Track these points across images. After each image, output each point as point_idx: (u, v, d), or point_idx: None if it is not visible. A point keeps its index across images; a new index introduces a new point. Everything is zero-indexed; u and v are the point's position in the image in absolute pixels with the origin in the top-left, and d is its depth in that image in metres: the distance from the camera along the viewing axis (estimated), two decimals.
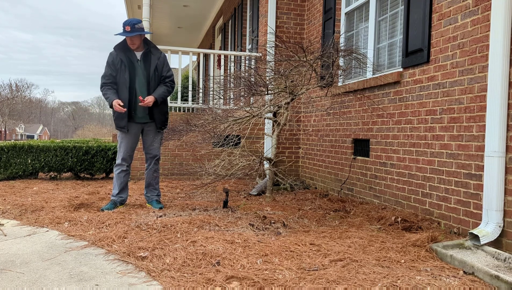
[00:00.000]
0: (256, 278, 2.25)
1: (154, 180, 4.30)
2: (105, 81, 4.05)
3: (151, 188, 4.30)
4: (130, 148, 4.17)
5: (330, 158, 5.40)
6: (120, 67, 4.03)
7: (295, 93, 4.57)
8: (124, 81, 4.03)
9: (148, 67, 4.11)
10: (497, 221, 2.84)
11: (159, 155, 4.29)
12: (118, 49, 4.07)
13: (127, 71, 4.03)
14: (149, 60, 4.12)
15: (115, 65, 4.05)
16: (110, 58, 4.07)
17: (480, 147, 3.05)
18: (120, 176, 4.14)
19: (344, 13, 5.35)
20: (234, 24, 9.51)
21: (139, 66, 4.09)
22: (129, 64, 4.05)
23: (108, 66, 4.07)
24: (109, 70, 4.06)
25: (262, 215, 3.70)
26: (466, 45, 3.23)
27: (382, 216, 3.67)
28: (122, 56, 4.04)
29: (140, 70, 4.09)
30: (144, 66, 4.09)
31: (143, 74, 4.09)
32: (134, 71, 4.07)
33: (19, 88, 60.89)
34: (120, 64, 4.03)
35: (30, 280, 2.32)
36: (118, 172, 4.16)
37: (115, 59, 4.05)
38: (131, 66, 4.07)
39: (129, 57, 4.07)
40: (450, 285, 2.23)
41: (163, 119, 4.21)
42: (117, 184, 4.14)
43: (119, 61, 4.04)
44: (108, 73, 4.06)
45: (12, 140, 16.66)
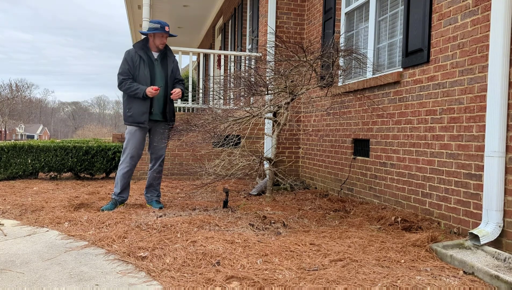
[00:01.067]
0: (256, 278, 2.25)
1: (156, 181, 4.27)
2: (124, 77, 4.02)
3: (152, 189, 4.27)
4: (140, 146, 4.12)
5: (330, 158, 5.40)
6: (139, 64, 4.04)
7: (295, 93, 4.57)
8: (144, 77, 4.04)
9: (166, 68, 4.17)
10: (497, 221, 2.84)
11: (164, 155, 4.27)
12: (138, 47, 4.10)
13: (147, 68, 4.05)
14: (166, 61, 4.19)
15: (134, 62, 4.04)
16: (128, 55, 4.06)
17: (480, 147, 3.05)
18: (125, 176, 4.07)
19: (344, 13, 5.35)
20: (234, 24, 9.51)
21: (157, 65, 4.13)
22: (148, 61, 4.08)
23: (126, 63, 4.05)
24: (127, 66, 4.04)
25: (262, 215, 3.70)
26: (466, 45, 3.23)
27: (382, 216, 3.67)
28: (142, 54, 4.05)
29: (158, 69, 4.13)
30: (161, 67, 4.14)
31: (161, 74, 4.13)
32: (153, 69, 4.10)
33: (19, 88, 60.93)
34: (139, 61, 4.04)
35: (30, 280, 2.32)
36: (124, 171, 4.08)
37: (134, 56, 4.05)
38: (150, 64, 4.09)
39: (148, 55, 4.09)
40: (450, 285, 2.23)
41: (173, 117, 4.26)
42: (120, 184, 4.07)
43: (138, 58, 4.04)
44: (126, 69, 4.03)
45: (12, 140, 16.66)
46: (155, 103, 4.11)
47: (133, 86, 3.98)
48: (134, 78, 4.05)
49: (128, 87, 3.99)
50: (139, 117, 4.03)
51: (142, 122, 4.03)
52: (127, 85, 3.99)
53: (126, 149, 4.09)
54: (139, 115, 4.02)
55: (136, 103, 4.03)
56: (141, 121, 4.03)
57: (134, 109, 4.02)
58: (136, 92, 3.96)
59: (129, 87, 3.99)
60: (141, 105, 4.02)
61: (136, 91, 3.96)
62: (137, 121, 4.04)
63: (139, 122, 4.03)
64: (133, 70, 4.04)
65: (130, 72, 4.03)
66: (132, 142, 4.07)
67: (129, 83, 3.99)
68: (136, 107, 4.01)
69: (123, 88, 4.03)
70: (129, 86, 3.99)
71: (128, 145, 4.08)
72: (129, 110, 4.05)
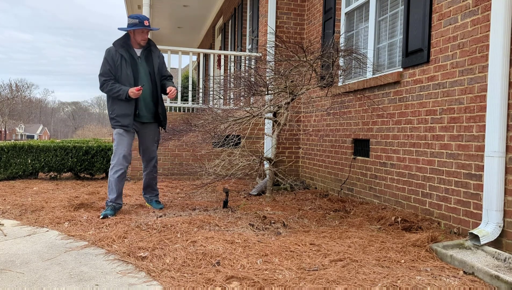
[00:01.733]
0: (256, 278, 2.25)
1: (154, 181, 4.17)
2: (106, 78, 3.80)
3: (150, 189, 4.19)
4: (131, 146, 3.92)
5: (330, 158, 5.40)
6: (121, 63, 3.81)
7: (295, 93, 4.57)
8: (127, 77, 3.81)
9: (151, 65, 3.95)
10: (497, 221, 2.84)
11: (156, 157, 4.15)
12: (118, 45, 3.85)
13: (129, 67, 3.83)
14: (150, 58, 3.96)
15: (115, 61, 3.81)
16: (109, 55, 3.81)
17: (480, 147, 3.05)
18: (119, 179, 3.83)
19: (344, 13, 5.35)
20: (234, 24, 9.51)
21: (140, 63, 3.91)
22: (130, 60, 3.86)
23: (107, 63, 3.81)
24: (108, 67, 3.81)
25: (262, 215, 3.70)
26: (466, 45, 3.23)
27: (382, 216, 3.67)
28: (123, 52, 3.82)
29: (142, 67, 3.91)
30: (146, 64, 3.93)
31: (145, 71, 3.92)
32: (136, 68, 3.87)
33: (19, 88, 60.92)
34: (120, 60, 3.81)
35: (30, 280, 2.32)
36: (118, 175, 3.82)
37: (114, 55, 3.81)
38: (133, 63, 3.87)
39: (130, 53, 3.87)
40: (450, 285, 2.23)
41: (166, 117, 4.09)
42: (115, 189, 3.82)
43: (119, 57, 3.81)
44: (107, 70, 3.81)
45: (12, 140, 16.67)
46: (141, 104, 3.90)
47: (115, 88, 3.76)
48: (117, 79, 3.83)
49: (110, 88, 3.77)
50: (123, 119, 3.82)
51: (126, 125, 3.83)
52: (109, 87, 3.78)
53: (117, 151, 3.85)
54: (123, 118, 3.82)
55: (119, 105, 3.82)
56: (126, 124, 3.82)
57: (118, 111, 3.82)
58: (118, 93, 3.75)
59: (111, 88, 3.77)
60: (124, 107, 3.81)
61: (119, 93, 3.74)
62: (121, 124, 3.83)
63: (124, 125, 3.82)
64: (114, 70, 3.82)
65: (111, 72, 3.81)
66: (122, 145, 3.85)
67: (111, 84, 3.78)
68: (119, 109, 3.81)
69: (105, 90, 3.81)
70: (111, 87, 3.77)
71: (119, 147, 3.85)
72: (113, 112, 3.85)
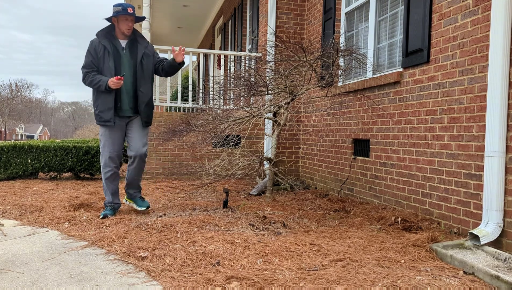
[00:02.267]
0: (256, 278, 2.25)
1: (138, 177, 3.87)
2: (88, 70, 3.64)
3: (135, 185, 3.90)
4: (118, 146, 3.74)
5: (330, 158, 5.40)
6: (103, 54, 3.64)
7: (295, 93, 4.57)
8: (109, 69, 3.63)
9: (135, 56, 3.74)
10: (497, 221, 2.84)
11: (143, 153, 3.78)
12: (101, 36, 3.68)
13: (112, 58, 3.64)
14: (135, 49, 3.75)
15: (97, 53, 3.64)
16: (92, 46, 3.66)
17: (480, 147, 3.05)
18: (110, 180, 3.75)
19: (344, 13, 5.35)
20: (234, 24, 9.51)
21: (125, 54, 3.71)
22: (113, 51, 3.67)
23: (90, 54, 3.66)
24: (90, 58, 3.65)
25: (262, 215, 3.70)
26: (466, 45, 3.23)
27: (382, 216, 3.66)
28: (106, 43, 3.65)
29: (126, 58, 3.71)
30: (130, 55, 3.73)
31: (129, 63, 3.72)
32: (119, 59, 3.69)
33: (19, 88, 60.94)
34: (103, 51, 3.64)
35: (30, 280, 2.32)
36: (108, 176, 3.74)
37: (97, 46, 3.65)
38: (116, 54, 3.68)
39: (113, 44, 3.68)
40: (450, 285, 2.23)
41: (149, 113, 3.80)
42: (109, 191, 3.77)
43: (101, 48, 3.64)
44: (89, 62, 3.65)
45: (12, 140, 16.67)
46: (123, 96, 3.69)
47: (95, 79, 3.58)
48: (100, 71, 3.66)
49: (91, 80, 3.60)
50: (104, 114, 3.63)
51: (108, 119, 3.63)
52: (90, 78, 3.60)
53: (103, 152, 3.73)
54: (103, 113, 3.63)
55: (102, 98, 3.63)
56: (107, 119, 3.63)
57: (101, 105, 3.64)
58: (98, 84, 3.56)
59: (92, 80, 3.60)
60: (106, 100, 3.62)
61: (99, 84, 3.56)
62: (103, 120, 3.64)
63: (105, 120, 3.63)
64: (97, 62, 3.65)
65: (93, 64, 3.64)
66: (108, 142, 3.71)
67: (92, 75, 3.60)
68: (101, 104, 3.63)
69: (86, 82, 3.64)
70: (91, 78, 3.60)
71: (104, 147, 3.72)
72: (97, 107, 3.66)
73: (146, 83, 3.78)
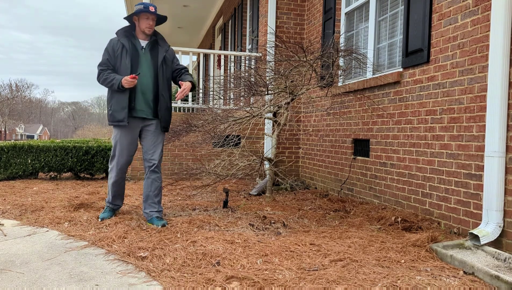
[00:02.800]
0: (256, 278, 2.25)
1: (154, 192, 3.61)
2: (103, 68, 3.54)
3: (150, 202, 3.60)
4: (130, 151, 3.60)
5: (330, 158, 5.40)
6: (121, 52, 3.53)
7: (295, 93, 4.57)
8: (125, 67, 3.51)
9: (156, 58, 3.62)
10: (497, 221, 2.84)
11: (157, 162, 3.62)
12: (121, 34, 3.60)
13: (129, 56, 3.53)
14: (156, 50, 3.65)
15: (115, 51, 3.55)
16: (110, 44, 3.57)
17: (480, 147, 3.05)
18: (114, 186, 3.66)
19: (344, 13, 5.35)
20: (234, 24, 9.51)
21: (144, 54, 3.60)
22: (132, 50, 3.56)
23: (107, 53, 3.57)
24: (106, 56, 3.56)
25: (262, 215, 3.70)
26: (466, 45, 3.23)
27: (382, 216, 3.67)
28: (125, 41, 3.54)
29: (145, 59, 3.59)
30: (150, 56, 3.61)
31: (148, 64, 3.59)
32: (137, 58, 3.57)
33: (19, 88, 60.98)
34: (121, 49, 3.54)
35: (30, 280, 2.32)
36: (113, 181, 3.63)
37: (115, 44, 3.56)
38: (134, 53, 3.57)
39: (132, 43, 3.58)
40: (450, 285, 2.23)
41: (168, 118, 3.66)
42: (111, 192, 3.70)
43: (120, 47, 3.54)
44: (105, 60, 3.56)
45: (12, 140, 16.67)
46: (138, 96, 3.54)
47: (109, 77, 3.46)
48: (116, 70, 3.55)
49: (105, 78, 3.48)
50: (117, 114, 3.48)
51: (122, 119, 3.47)
52: (104, 76, 3.49)
53: (114, 156, 3.60)
54: (118, 111, 3.48)
55: (115, 97, 3.51)
56: (120, 119, 3.47)
57: (114, 105, 3.50)
58: (112, 83, 3.44)
59: (105, 78, 3.48)
60: (120, 100, 3.48)
61: (112, 82, 3.43)
62: (117, 119, 3.49)
63: (119, 119, 3.48)
64: (113, 60, 3.54)
65: (109, 62, 3.54)
66: (118, 148, 3.56)
67: (106, 74, 3.49)
68: (115, 103, 3.50)
69: (100, 80, 3.53)
70: (105, 77, 3.48)
71: (115, 151, 3.58)
72: (111, 107, 3.53)
73: (166, 87, 3.67)
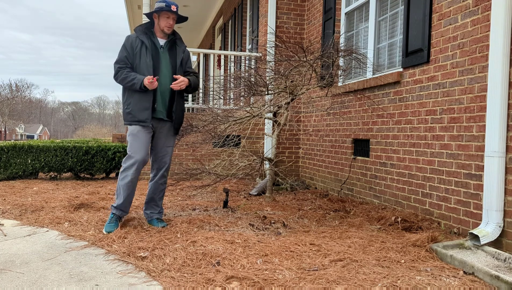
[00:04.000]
0: (256, 278, 2.25)
1: (159, 195, 3.57)
2: (121, 66, 3.38)
3: (153, 204, 3.55)
4: (146, 149, 3.39)
5: (330, 158, 5.40)
6: (140, 50, 3.39)
7: (295, 93, 4.57)
8: (146, 66, 3.37)
9: (174, 58, 3.50)
10: (497, 221, 2.84)
11: (169, 164, 3.55)
12: (140, 31, 3.45)
13: (150, 55, 3.39)
14: (174, 50, 3.52)
15: (133, 48, 3.40)
16: (128, 41, 3.42)
17: (480, 147, 3.05)
18: (128, 186, 3.33)
19: (344, 13, 5.35)
20: (234, 24, 9.51)
21: (163, 53, 3.47)
22: (152, 47, 3.42)
23: (124, 50, 3.40)
24: (125, 53, 3.39)
25: (262, 215, 3.70)
26: (466, 45, 3.23)
27: (382, 216, 3.67)
28: (144, 39, 3.40)
29: (164, 59, 3.46)
30: (169, 56, 3.49)
31: (167, 64, 3.46)
32: (158, 57, 3.43)
33: (19, 88, 61.00)
34: (140, 46, 3.39)
35: (30, 280, 2.32)
36: (128, 181, 3.31)
37: (134, 41, 3.40)
38: (154, 51, 3.42)
39: (152, 41, 3.44)
40: (450, 285, 2.23)
41: (181, 119, 3.57)
42: (123, 194, 3.34)
43: (139, 44, 3.39)
44: (123, 57, 3.39)
45: (12, 140, 16.67)
46: (158, 97, 3.42)
47: (129, 76, 3.33)
48: (134, 68, 3.41)
49: (124, 77, 3.34)
50: (140, 113, 3.36)
51: (144, 119, 3.35)
52: (123, 75, 3.35)
53: (130, 154, 3.35)
54: (140, 111, 3.36)
55: (136, 97, 3.37)
56: (143, 119, 3.35)
57: (134, 104, 3.37)
58: (132, 82, 3.31)
59: (125, 77, 3.34)
60: (142, 100, 3.36)
61: (133, 82, 3.31)
62: (138, 119, 3.36)
63: (140, 120, 3.36)
64: (132, 58, 3.40)
65: (128, 60, 3.39)
66: (136, 145, 3.35)
67: (125, 72, 3.35)
68: (136, 102, 3.36)
69: (118, 79, 3.39)
70: (125, 76, 3.34)
71: (132, 150, 3.35)
72: (128, 106, 3.40)
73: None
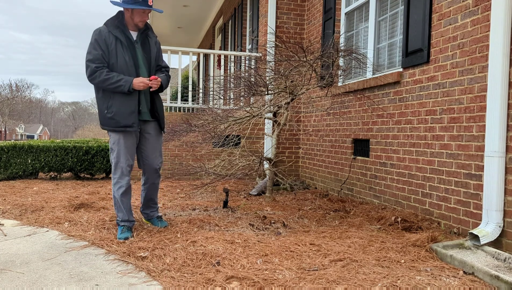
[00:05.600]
0: (256, 278, 2.25)
1: (155, 193, 3.44)
2: (97, 65, 3.00)
3: (151, 203, 3.44)
4: (133, 155, 3.19)
5: (330, 158, 5.40)
6: (116, 47, 3.05)
7: (295, 93, 4.57)
8: (126, 64, 3.06)
9: (149, 52, 3.22)
10: (497, 221, 2.84)
11: (160, 166, 3.36)
12: (112, 25, 3.09)
13: (128, 51, 3.09)
14: (147, 43, 3.22)
15: (108, 45, 3.04)
16: (100, 36, 3.03)
17: (480, 147, 3.05)
18: (125, 195, 3.16)
19: (344, 13, 5.35)
20: (234, 24, 9.51)
21: (138, 48, 3.17)
22: (128, 43, 3.10)
23: (98, 47, 3.02)
24: (99, 51, 3.02)
25: (262, 215, 3.70)
26: (466, 45, 3.23)
27: (382, 216, 3.67)
28: (118, 34, 3.07)
29: (140, 54, 3.17)
30: (143, 50, 3.20)
31: (143, 60, 3.19)
32: (135, 54, 3.13)
33: (19, 88, 61.00)
34: (115, 43, 3.05)
35: (30, 280, 2.32)
36: (123, 191, 3.13)
37: (107, 37, 3.04)
38: (131, 47, 3.12)
39: (127, 36, 3.11)
40: (450, 285, 2.23)
41: (163, 115, 3.33)
42: (124, 207, 3.15)
43: (113, 40, 3.05)
44: (99, 55, 3.01)
45: (12, 140, 16.67)
46: (142, 98, 3.15)
47: (112, 78, 2.97)
48: (110, 67, 3.05)
49: (105, 78, 2.97)
50: (126, 118, 3.04)
51: (131, 124, 3.05)
52: (104, 76, 2.97)
53: (118, 163, 3.12)
54: (125, 116, 3.03)
55: (118, 99, 3.03)
56: (129, 124, 3.05)
57: (117, 108, 3.02)
58: (118, 84, 2.97)
59: (106, 78, 2.97)
60: (126, 102, 3.04)
61: (119, 84, 2.96)
62: (124, 124, 3.04)
63: (127, 125, 3.04)
64: (107, 56, 3.04)
65: (104, 58, 3.03)
66: (123, 153, 3.11)
67: (105, 73, 2.98)
68: (119, 105, 3.02)
69: (97, 80, 2.99)
70: (106, 76, 2.97)
71: (120, 159, 3.11)
72: (109, 109, 3.04)
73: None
